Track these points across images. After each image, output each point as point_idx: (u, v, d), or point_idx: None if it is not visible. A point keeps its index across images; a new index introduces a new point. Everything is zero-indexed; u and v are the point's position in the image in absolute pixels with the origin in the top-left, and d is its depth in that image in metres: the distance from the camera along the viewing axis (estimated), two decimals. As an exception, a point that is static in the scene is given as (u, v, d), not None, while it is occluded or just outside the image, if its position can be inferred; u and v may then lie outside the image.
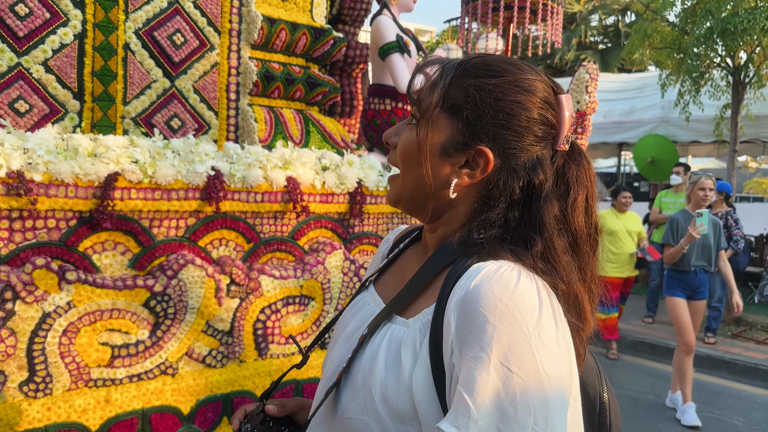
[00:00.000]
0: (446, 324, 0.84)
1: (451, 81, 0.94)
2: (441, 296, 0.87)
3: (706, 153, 12.80)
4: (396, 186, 1.02)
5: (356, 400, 0.92)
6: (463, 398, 0.78)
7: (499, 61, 0.95)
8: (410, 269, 1.05)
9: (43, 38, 2.42)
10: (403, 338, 0.91)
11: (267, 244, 2.55)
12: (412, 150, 0.96)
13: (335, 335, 1.11)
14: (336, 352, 1.05)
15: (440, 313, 0.86)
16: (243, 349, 2.40)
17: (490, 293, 0.81)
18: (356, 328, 1.04)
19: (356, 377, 0.93)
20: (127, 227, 2.20)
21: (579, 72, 2.88)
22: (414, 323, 0.91)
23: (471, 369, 0.78)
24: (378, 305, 1.05)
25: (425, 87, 0.97)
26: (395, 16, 3.75)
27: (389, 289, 1.08)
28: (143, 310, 2.20)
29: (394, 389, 0.87)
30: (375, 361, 0.91)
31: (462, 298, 0.83)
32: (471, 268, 0.86)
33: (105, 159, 2.12)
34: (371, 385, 0.89)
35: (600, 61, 15.95)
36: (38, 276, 1.98)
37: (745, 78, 7.57)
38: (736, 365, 6.17)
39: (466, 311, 0.82)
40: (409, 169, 0.98)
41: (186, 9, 2.73)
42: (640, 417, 4.94)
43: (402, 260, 1.14)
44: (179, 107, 2.76)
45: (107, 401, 2.08)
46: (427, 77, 0.98)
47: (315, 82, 3.10)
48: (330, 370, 1.04)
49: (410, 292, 0.95)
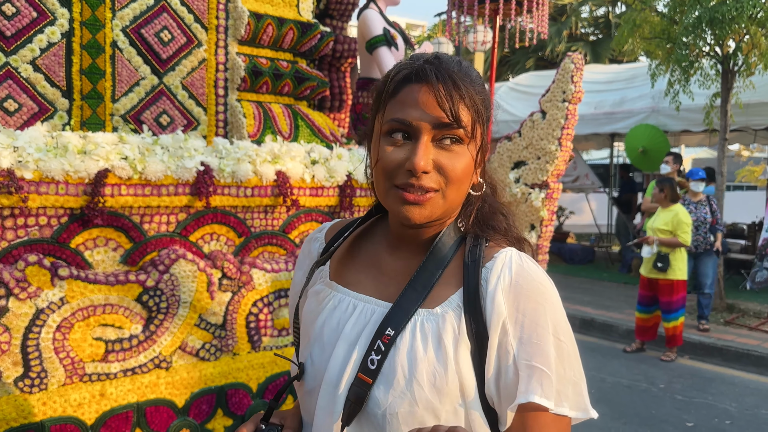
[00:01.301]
0: (490, 305, 0.97)
1: (477, 95, 1.00)
2: (468, 281, 1.00)
3: (697, 142, 12.84)
4: (435, 206, 0.99)
5: (401, 396, 0.96)
6: (542, 371, 0.95)
7: (468, 63, 1.05)
8: (390, 264, 1.10)
9: (31, 37, 2.43)
10: (439, 326, 0.99)
11: (258, 238, 2.57)
12: (469, 171, 1.01)
13: (319, 337, 1.08)
14: (337, 354, 1.03)
15: (475, 296, 0.98)
16: (236, 342, 2.42)
17: (531, 280, 0.99)
18: (360, 329, 1.04)
19: (396, 374, 0.97)
20: (119, 223, 2.22)
21: (564, 62, 2.91)
22: (443, 310, 1.00)
23: (537, 344, 0.95)
24: (377, 305, 1.05)
25: (466, 107, 0.98)
26: (382, 9, 3.78)
27: (373, 286, 1.09)
28: (136, 305, 2.22)
29: (442, 375, 0.96)
30: (415, 354, 0.97)
31: (510, 286, 0.98)
32: (497, 256, 1.02)
33: (95, 156, 2.14)
34: (418, 378, 0.96)
35: (591, 52, 15.98)
36: (31, 273, 2.00)
37: (734, 66, 7.60)
38: (729, 351, 6.23)
39: (518, 297, 0.97)
40: (462, 187, 1.01)
41: (173, 6, 2.74)
42: (633, 404, 4.99)
43: (367, 256, 1.14)
44: (168, 104, 2.78)
45: (102, 395, 2.11)
46: (459, 96, 0.97)
47: (303, 77, 3.12)
48: (334, 372, 1.02)
49: (427, 284, 1.02)
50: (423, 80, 0.97)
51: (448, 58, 1.01)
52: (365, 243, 1.16)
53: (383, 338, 0.98)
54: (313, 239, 1.24)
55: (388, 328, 0.99)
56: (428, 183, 0.97)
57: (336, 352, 1.04)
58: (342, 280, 1.13)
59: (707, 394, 5.27)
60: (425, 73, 0.97)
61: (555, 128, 2.90)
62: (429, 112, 0.96)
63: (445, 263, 1.04)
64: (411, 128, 0.97)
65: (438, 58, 1.01)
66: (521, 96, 11.26)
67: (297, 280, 1.26)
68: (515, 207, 3.10)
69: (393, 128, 0.99)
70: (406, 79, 0.99)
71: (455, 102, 0.96)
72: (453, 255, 1.05)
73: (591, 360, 5.99)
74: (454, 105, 0.96)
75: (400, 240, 1.10)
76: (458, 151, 0.98)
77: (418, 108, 0.96)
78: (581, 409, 0.98)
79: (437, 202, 0.99)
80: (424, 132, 0.96)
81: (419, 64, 0.99)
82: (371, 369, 0.98)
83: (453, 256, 1.05)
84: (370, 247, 1.15)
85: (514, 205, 3.11)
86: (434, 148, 0.98)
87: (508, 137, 3.13)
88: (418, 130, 0.97)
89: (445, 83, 0.96)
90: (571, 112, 2.87)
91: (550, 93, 2.93)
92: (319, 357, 1.06)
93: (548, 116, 2.93)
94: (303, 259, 1.25)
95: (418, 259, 1.07)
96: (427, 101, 0.96)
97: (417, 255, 1.08)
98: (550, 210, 3.01)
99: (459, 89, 0.97)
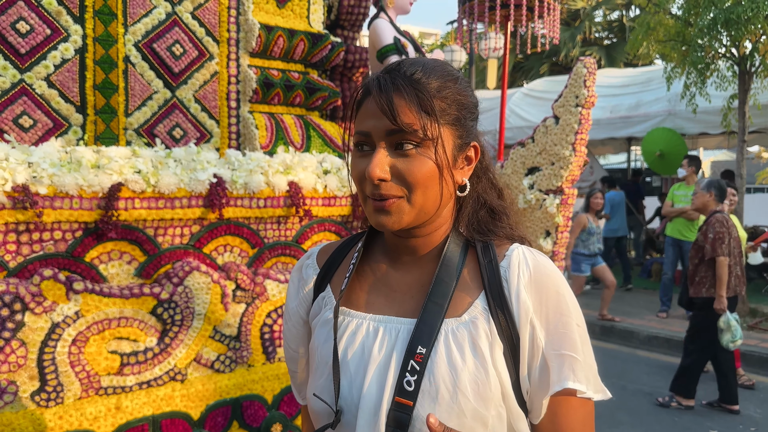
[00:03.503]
0: (516, 303, 0.99)
1: (437, 95, 0.99)
2: (491, 283, 1.01)
3: (716, 145, 12.70)
4: (401, 211, 0.99)
5: (447, 411, 0.95)
6: (573, 357, 0.98)
7: (443, 63, 1.05)
8: (399, 279, 1.07)
9: (45, 54, 2.46)
10: (471, 333, 0.99)
11: (271, 248, 2.57)
12: (432, 174, 0.99)
13: (344, 368, 1.03)
14: (370, 382, 1.00)
15: (499, 297, 1.00)
16: (251, 354, 2.42)
17: (548, 273, 1.01)
18: (389, 351, 1.00)
19: (439, 390, 0.95)
20: (132, 236, 2.24)
21: (577, 67, 2.89)
22: (470, 317, 1.00)
23: (564, 333, 0.99)
24: (400, 323, 1.02)
25: (412, 111, 0.96)
26: (392, 18, 3.78)
27: (389, 305, 1.06)
28: (151, 318, 2.23)
29: (485, 382, 0.96)
30: (455, 366, 0.97)
31: (531, 281, 1.00)
32: (509, 254, 1.03)
33: (108, 170, 2.16)
34: (462, 389, 0.95)
35: (606, 56, 15.88)
36: (46, 287, 2.01)
37: (751, 67, 7.50)
38: (752, 356, 6.12)
39: (540, 291, 1.00)
40: (429, 190, 0.99)
41: (184, 20, 2.77)
42: (655, 412, 4.91)
43: (373, 275, 1.11)
44: (181, 117, 2.80)
45: (118, 408, 2.11)
46: (402, 101, 0.96)
47: (314, 87, 3.13)
48: (370, 401, 0.98)
49: (446, 295, 1.01)
50: (379, 90, 0.98)
51: (410, 63, 1.01)
52: (366, 262, 1.13)
53: (416, 357, 0.96)
54: (305, 266, 1.20)
55: (419, 347, 0.97)
56: (388, 191, 0.98)
57: (368, 380, 1.00)
58: (352, 303, 1.09)
59: (731, 401, 5.17)
60: (381, 83, 0.98)
61: (569, 133, 2.87)
62: (378, 121, 0.97)
63: (459, 270, 1.04)
64: (369, 138, 0.99)
65: (399, 65, 1.01)
66: (535, 102, 11.19)
67: (292, 311, 1.20)
68: (530, 213, 3.07)
69: (358, 140, 1.01)
70: (365, 92, 1.01)
71: (395, 107, 0.96)
72: (464, 261, 1.05)
73: (612, 367, 5.91)
74: (395, 110, 0.96)
75: (400, 253, 1.09)
76: (416, 155, 0.97)
77: (372, 118, 0.98)
78: (600, 391, 1.02)
79: (403, 208, 0.99)
80: (378, 140, 0.98)
81: (382, 75, 1.00)
82: (409, 391, 0.95)
83: (464, 261, 1.05)
84: (373, 265, 1.12)
85: (528, 211, 3.08)
86: (393, 154, 0.98)
87: (521, 143, 3.11)
88: (374, 140, 0.98)
89: (385, 91, 0.97)
90: (585, 116, 2.84)
91: (562, 98, 2.91)
92: (349, 388, 1.01)
93: (561, 121, 2.90)
94: (295, 288, 1.20)
95: (427, 269, 1.06)
96: (375, 111, 0.98)
97: (425, 266, 1.06)
98: (566, 216, 2.97)
99: (401, 94, 0.96)
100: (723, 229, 4.74)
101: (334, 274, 1.15)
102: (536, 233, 3.04)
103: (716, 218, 4.85)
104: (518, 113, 11.04)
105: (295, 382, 1.27)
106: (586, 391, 0.99)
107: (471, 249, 1.07)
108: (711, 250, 4.74)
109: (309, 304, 1.16)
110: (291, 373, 1.27)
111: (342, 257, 1.17)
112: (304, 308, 1.17)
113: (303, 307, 1.17)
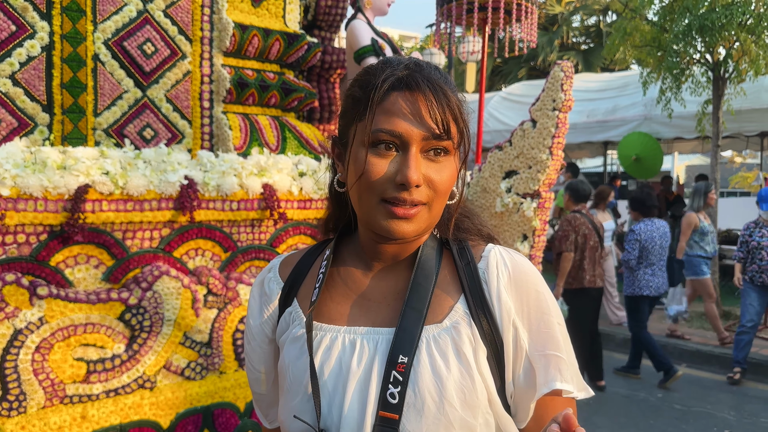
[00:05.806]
0: (497, 305, 0.96)
1: (460, 104, 0.96)
2: (471, 286, 0.98)
3: (690, 149, 12.86)
4: (421, 220, 0.94)
5: (434, 423, 0.90)
6: (557, 356, 0.96)
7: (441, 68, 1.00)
8: (373, 287, 1.02)
9: (10, 51, 2.38)
10: (454, 338, 0.94)
11: (245, 252, 2.52)
12: (453, 183, 0.97)
13: (322, 385, 0.96)
14: (351, 398, 0.93)
15: (480, 299, 0.96)
16: (222, 360, 2.36)
17: (526, 272, 0.99)
18: (369, 364, 0.95)
19: (425, 401, 0.91)
20: (100, 240, 2.17)
21: (554, 71, 2.88)
22: (452, 322, 0.95)
23: (547, 333, 0.97)
24: (377, 333, 0.97)
25: (458, 121, 0.93)
26: (370, 20, 3.74)
27: (364, 315, 1.00)
28: (118, 324, 2.16)
29: (471, 389, 0.92)
30: (440, 374, 0.92)
31: (510, 282, 0.98)
32: (485, 255, 1.01)
33: (74, 171, 2.09)
34: (449, 399, 0.91)
35: (583, 61, 16.02)
36: (8, 292, 1.94)
37: (725, 73, 7.60)
38: (727, 359, 6.16)
39: (520, 291, 0.97)
40: (445, 199, 0.97)
41: (156, 18, 2.70)
42: (632, 414, 4.93)
43: (343, 284, 1.04)
44: (152, 117, 2.73)
45: (84, 417, 2.04)
46: (449, 110, 0.92)
47: (290, 88, 3.08)
48: (352, 419, 0.92)
49: (424, 300, 0.96)
50: (412, 89, 0.91)
51: (427, 64, 0.96)
52: (335, 270, 1.06)
53: (398, 367, 0.91)
54: (267, 280, 1.11)
55: (400, 356, 0.92)
56: (419, 197, 0.92)
57: (349, 397, 0.93)
58: (324, 316, 1.01)
59: (705, 403, 5.21)
60: (415, 82, 0.91)
61: (546, 137, 2.86)
62: (420, 123, 0.90)
63: (435, 274, 0.99)
64: (400, 139, 0.91)
65: (418, 64, 0.95)
66: (513, 105, 11.25)
67: (255, 329, 1.11)
68: (507, 217, 3.05)
69: (379, 139, 0.91)
70: (393, 87, 0.92)
71: (446, 113, 0.91)
72: (440, 263, 1.01)
73: (588, 370, 5.93)
74: (446, 116, 0.91)
75: (376, 259, 1.03)
76: (445, 163, 0.94)
77: (408, 118, 0.90)
78: (584, 389, 1.00)
79: (424, 216, 0.94)
80: (413, 143, 0.90)
81: (405, 72, 0.92)
82: (393, 404, 0.90)
83: (440, 263, 1.01)
84: (343, 274, 1.05)
85: (506, 215, 3.06)
86: (422, 159, 0.92)
87: (499, 146, 3.09)
88: (408, 142, 0.90)
89: (435, 92, 0.91)
90: (562, 120, 2.83)
91: (540, 102, 2.90)
92: (329, 408, 0.94)
93: (539, 125, 2.89)
94: (258, 304, 1.11)
95: (403, 275, 1.01)
96: (417, 111, 0.90)
97: (400, 272, 1.01)
98: (543, 219, 2.96)
99: (448, 99, 0.92)
100: (569, 228, 5.34)
101: (300, 287, 1.07)
102: (513, 237, 3.02)
103: (565, 218, 5.52)
104: (496, 116, 11.09)
105: (260, 405, 1.19)
106: (573, 391, 0.97)
107: (446, 251, 1.03)
108: (558, 246, 5.37)
109: (275, 321, 1.08)
110: (256, 396, 1.19)
111: (308, 267, 1.09)
112: (269, 326, 1.09)
113: (268, 324, 1.09)
